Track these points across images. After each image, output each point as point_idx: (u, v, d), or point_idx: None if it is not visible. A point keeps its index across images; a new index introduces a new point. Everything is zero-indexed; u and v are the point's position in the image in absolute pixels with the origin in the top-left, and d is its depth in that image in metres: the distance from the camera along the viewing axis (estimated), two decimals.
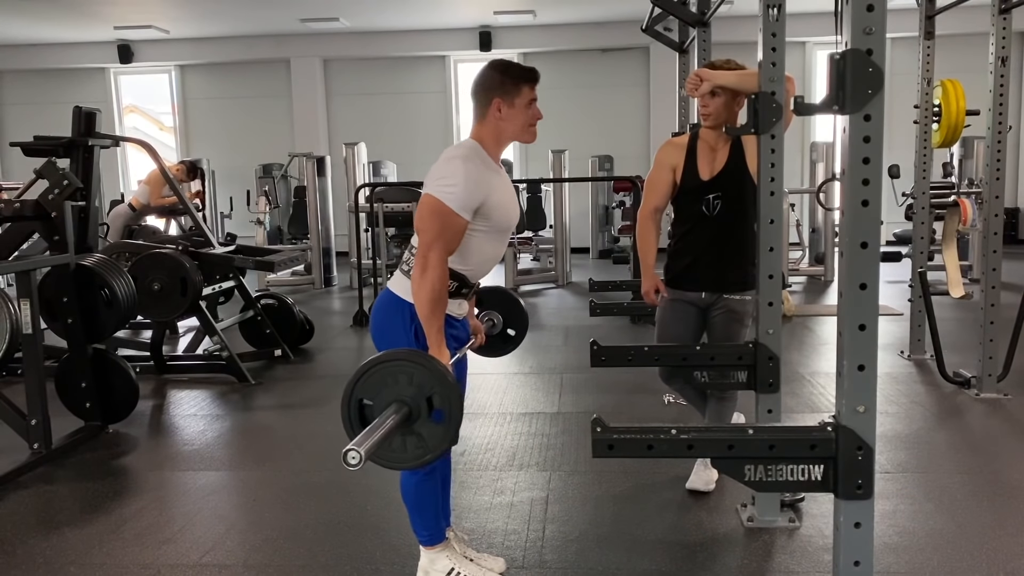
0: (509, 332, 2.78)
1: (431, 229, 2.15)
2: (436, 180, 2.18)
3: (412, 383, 1.90)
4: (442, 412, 1.91)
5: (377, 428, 1.79)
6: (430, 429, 1.91)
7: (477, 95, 2.29)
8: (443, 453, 1.97)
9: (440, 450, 1.93)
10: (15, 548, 2.86)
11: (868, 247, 1.74)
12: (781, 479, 1.89)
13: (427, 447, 1.92)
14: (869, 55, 1.68)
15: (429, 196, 2.17)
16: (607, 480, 3.33)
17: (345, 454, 1.68)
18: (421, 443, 1.92)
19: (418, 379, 1.90)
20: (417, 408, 1.89)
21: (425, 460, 1.95)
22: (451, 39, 12.62)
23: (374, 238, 8.66)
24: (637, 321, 6.66)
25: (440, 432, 1.91)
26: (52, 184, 4.10)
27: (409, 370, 1.91)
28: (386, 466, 1.96)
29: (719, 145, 3.02)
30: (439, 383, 1.90)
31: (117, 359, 4.32)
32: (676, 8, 4.89)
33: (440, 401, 1.90)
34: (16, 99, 13.74)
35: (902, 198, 5.62)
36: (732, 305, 3.06)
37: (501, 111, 2.24)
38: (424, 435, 1.91)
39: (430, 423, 1.90)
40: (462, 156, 2.20)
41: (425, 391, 1.90)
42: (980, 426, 4.01)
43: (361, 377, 1.91)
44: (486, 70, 2.29)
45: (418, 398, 1.89)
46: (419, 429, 1.90)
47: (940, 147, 5.17)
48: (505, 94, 2.24)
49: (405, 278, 2.29)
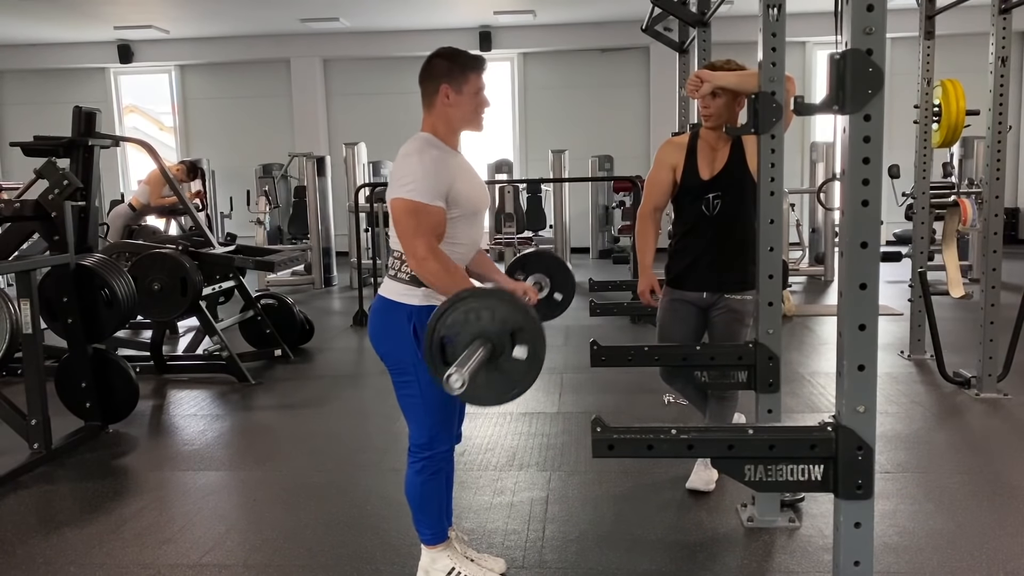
0: (556, 297, 2.74)
1: (409, 227, 2.16)
2: (398, 181, 2.20)
3: (494, 319, 1.89)
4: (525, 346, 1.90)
5: (470, 357, 1.80)
6: (513, 364, 1.90)
7: (424, 83, 2.30)
8: (529, 386, 1.95)
9: (527, 383, 1.93)
10: (15, 548, 2.86)
11: (868, 247, 1.74)
12: (781, 479, 1.89)
13: (513, 381, 1.92)
14: (869, 55, 1.68)
15: (396, 200, 2.19)
16: (607, 480, 3.33)
17: (448, 378, 1.70)
18: (506, 378, 1.91)
19: (500, 315, 1.89)
20: (501, 344, 1.89)
21: (513, 394, 1.95)
22: (451, 39, 12.43)
23: (374, 238, 8.67)
24: (637, 321, 6.66)
25: (524, 366, 1.90)
26: (52, 184, 4.10)
27: (491, 306, 1.90)
28: (475, 403, 1.97)
29: (719, 145, 3.02)
30: (522, 317, 1.90)
31: (117, 359, 4.32)
32: (676, 8, 4.89)
33: (524, 336, 1.89)
34: (16, 99, 13.74)
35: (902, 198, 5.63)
36: (733, 305, 3.06)
37: (449, 97, 2.26)
38: (508, 370, 1.91)
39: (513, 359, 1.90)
40: (417, 149, 2.22)
41: (508, 326, 1.89)
42: (980, 426, 4.01)
43: (443, 314, 1.90)
44: (433, 58, 2.30)
45: (501, 334, 1.89)
46: (503, 365, 1.90)
47: (940, 147, 5.17)
48: (452, 81, 2.26)
49: (393, 282, 2.30)
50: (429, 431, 2.34)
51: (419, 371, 2.25)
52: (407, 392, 2.32)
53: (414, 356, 2.24)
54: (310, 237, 9.84)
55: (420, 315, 2.25)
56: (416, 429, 2.36)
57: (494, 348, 1.89)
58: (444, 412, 2.34)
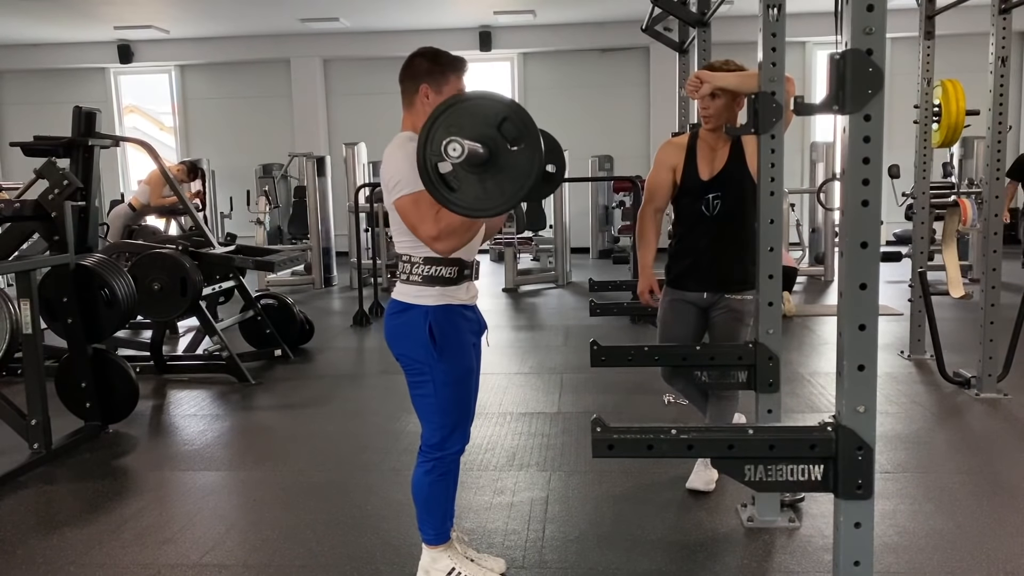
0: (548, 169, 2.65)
1: (414, 219, 2.16)
2: (388, 184, 2.20)
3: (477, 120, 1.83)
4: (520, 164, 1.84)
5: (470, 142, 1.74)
6: (501, 181, 1.83)
7: (405, 82, 2.31)
8: (506, 210, 1.90)
9: (505, 207, 1.87)
10: (15, 548, 2.86)
11: (868, 247, 1.74)
12: (781, 479, 1.88)
13: (491, 200, 1.86)
14: (869, 55, 1.67)
15: (395, 202, 2.19)
16: (607, 480, 3.33)
17: (447, 144, 1.64)
18: (490, 191, 1.86)
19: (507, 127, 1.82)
20: (496, 152, 1.82)
21: (486, 213, 1.90)
22: (451, 39, 12.60)
23: (374, 238, 8.68)
24: (637, 321, 6.66)
25: (511, 188, 1.84)
26: (52, 184, 4.10)
27: (496, 112, 1.83)
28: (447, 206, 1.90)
29: (719, 145, 3.02)
30: (527, 132, 1.82)
31: (117, 359, 4.32)
32: (676, 8, 4.89)
33: (514, 128, 1.83)
34: (16, 99, 13.75)
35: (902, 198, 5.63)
36: (733, 305, 3.06)
37: (428, 97, 2.26)
38: (496, 185, 1.85)
39: (504, 175, 1.83)
40: (398, 146, 2.22)
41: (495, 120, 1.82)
42: (980, 426, 4.01)
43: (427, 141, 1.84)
44: (413, 57, 2.30)
45: (500, 144, 1.82)
46: (492, 178, 1.84)
47: (940, 147, 5.17)
48: (432, 81, 2.26)
49: (406, 286, 2.30)
50: (441, 431, 2.34)
51: (434, 372, 2.27)
52: (421, 392, 2.32)
53: (430, 356, 2.25)
54: (310, 237, 9.84)
55: (436, 315, 2.25)
56: (429, 430, 2.36)
57: (490, 150, 1.82)
58: (458, 413, 2.34)
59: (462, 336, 2.31)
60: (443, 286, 2.27)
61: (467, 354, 2.34)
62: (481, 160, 1.81)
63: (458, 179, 1.84)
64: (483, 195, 1.83)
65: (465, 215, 1.95)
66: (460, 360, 2.31)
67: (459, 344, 2.31)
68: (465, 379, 2.35)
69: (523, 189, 1.85)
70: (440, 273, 2.26)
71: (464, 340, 2.32)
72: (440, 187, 1.86)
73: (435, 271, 2.26)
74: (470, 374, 2.36)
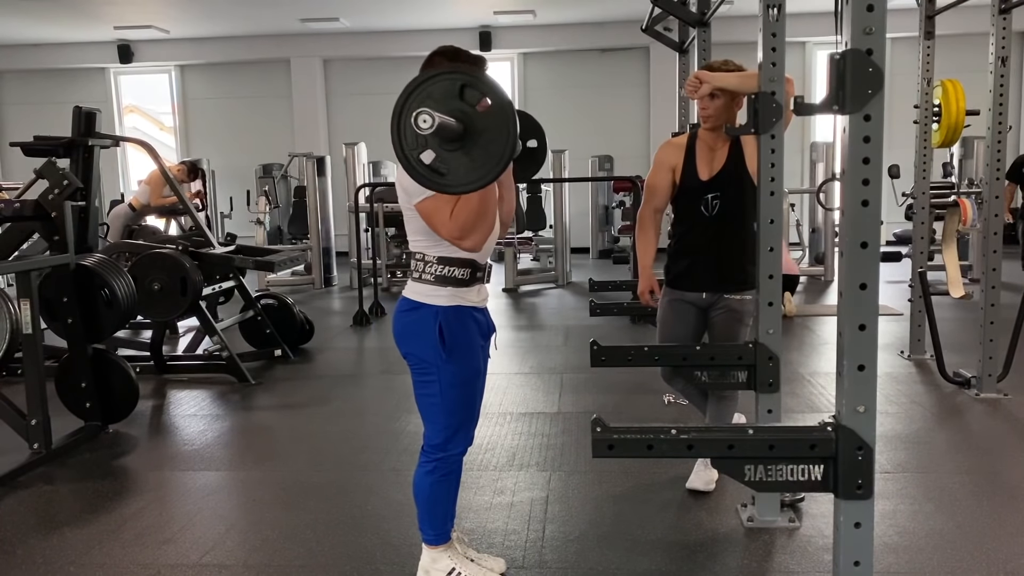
0: (530, 145, 2.56)
1: (440, 221, 2.15)
2: (415, 188, 2.12)
3: (447, 93, 1.79)
4: (496, 122, 1.79)
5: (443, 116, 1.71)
6: (485, 144, 1.79)
7: None
8: (502, 169, 1.84)
9: (500, 166, 1.81)
10: (15, 548, 2.86)
11: (868, 247, 1.74)
12: (781, 479, 1.88)
13: (485, 165, 1.81)
14: (869, 55, 1.67)
15: (421, 204, 2.16)
16: (607, 480, 3.33)
17: (417, 115, 1.60)
18: (478, 160, 1.82)
19: (468, 93, 1.79)
20: (471, 122, 1.78)
21: (484, 181, 1.84)
22: (451, 39, 12.35)
23: (374, 238, 8.68)
24: (637, 321, 6.66)
25: (497, 146, 1.79)
26: (52, 184, 4.10)
27: (455, 81, 1.80)
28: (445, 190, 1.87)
29: (718, 145, 3.02)
30: (487, 88, 1.79)
31: (117, 359, 4.32)
32: (676, 8, 4.89)
33: (476, 92, 1.79)
34: (16, 99, 13.75)
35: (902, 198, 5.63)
36: (732, 305, 3.06)
37: None
38: (481, 151, 1.80)
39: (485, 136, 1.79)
40: None
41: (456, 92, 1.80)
42: (980, 426, 4.01)
43: (409, 96, 1.81)
44: (434, 55, 2.28)
45: (469, 113, 1.78)
46: (475, 144, 1.80)
47: (940, 147, 5.17)
48: None
49: (418, 284, 2.29)
50: (445, 432, 2.33)
51: (441, 372, 2.26)
52: (427, 392, 2.32)
53: (438, 357, 2.25)
54: (310, 237, 9.84)
55: (446, 315, 2.25)
56: (432, 430, 2.35)
57: (463, 123, 1.78)
58: (463, 415, 2.34)
59: (471, 338, 2.31)
60: (455, 287, 2.26)
61: (475, 356, 2.33)
62: (457, 134, 1.78)
63: (444, 162, 1.82)
64: (472, 166, 1.80)
65: (466, 191, 1.91)
66: (468, 362, 2.31)
67: (468, 346, 2.30)
68: (472, 381, 2.34)
69: (508, 144, 1.79)
70: (453, 274, 2.26)
71: (473, 342, 2.32)
72: (432, 177, 1.84)
73: (448, 271, 2.25)
74: (477, 376, 2.36)
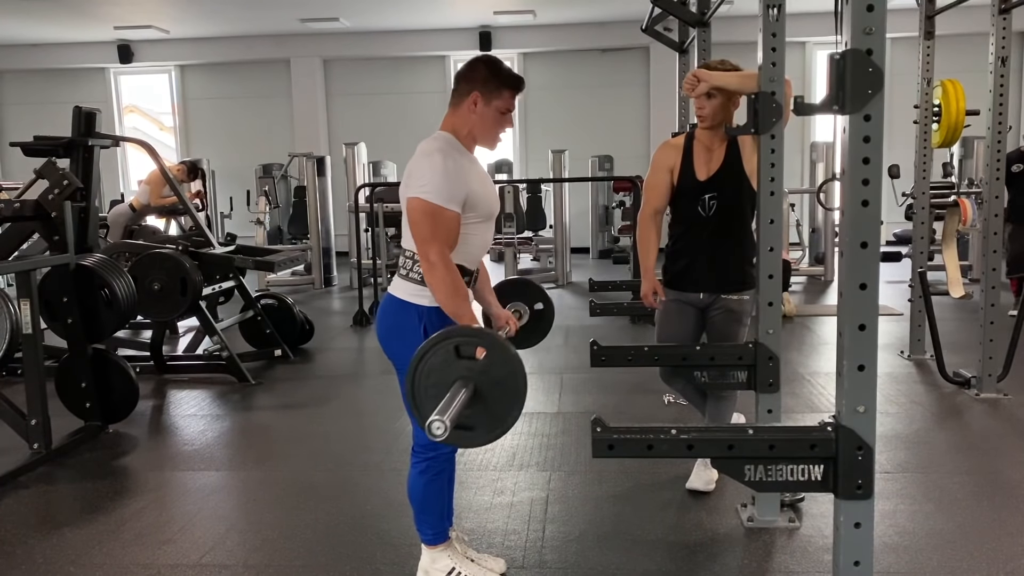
0: (537, 308, 2.73)
1: (426, 230, 2.16)
2: (417, 180, 2.18)
3: (448, 363, 1.88)
4: (499, 369, 1.87)
5: (452, 401, 1.77)
6: (499, 395, 1.88)
7: (460, 83, 2.29)
8: (519, 411, 1.92)
9: (511, 421, 1.90)
10: (15, 548, 2.86)
11: (868, 247, 1.73)
12: (781, 479, 1.88)
13: (497, 421, 1.90)
14: (869, 55, 1.67)
15: (415, 199, 2.17)
16: (607, 480, 3.33)
17: (429, 425, 1.67)
18: (497, 411, 1.90)
19: (463, 350, 1.88)
20: (478, 378, 1.87)
21: (497, 434, 1.92)
22: (451, 39, 12.63)
23: (374, 238, 8.67)
24: (637, 321, 6.66)
25: (510, 393, 1.88)
26: (52, 184, 4.10)
27: (447, 347, 1.88)
28: (472, 446, 1.97)
29: (715, 145, 3.02)
30: (480, 340, 1.88)
31: (117, 359, 4.32)
32: (676, 8, 4.89)
33: (469, 346, 1.88)
34: (16, 99, 13.74)
35: (902, 198, 5.62)
36: (730, 305, 3.06)
37: (477, 105, 2.25)
38: (496, 401, 1.89)
39: (496, 389, 1.88)
40: (440, 150, 2.20)
41: (453, 355, 1.88)
42: (980, 426, 4.01)
43: (414, 381, 1.89)
44: (476, 62, 2.29)
45: (473, 367, 1.87)
46: (489, 397, 1.88)
47: (940, 147, 5.17)
48: (486, 91, 2.24)
49: (404, 282, 2.30)
50: None
51: None
52: None
53: None
54: (310, 237, 9.84)
55: (431, 316, 2.25)
56: (420, 430, 2.35)
57: (476, 389, 1.87)
58: None
59: None
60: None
61: None
62: (469, 398, 1.85)
63: (468, 419, 1.88)
64: (495, 418, 1.89)
65: (494, 440, 1.98)
66: None
67: None
68: None
69: (519, 388, 1.89)
70: None
71: None
72: (460, 435, 1.90)
73: None
74: None
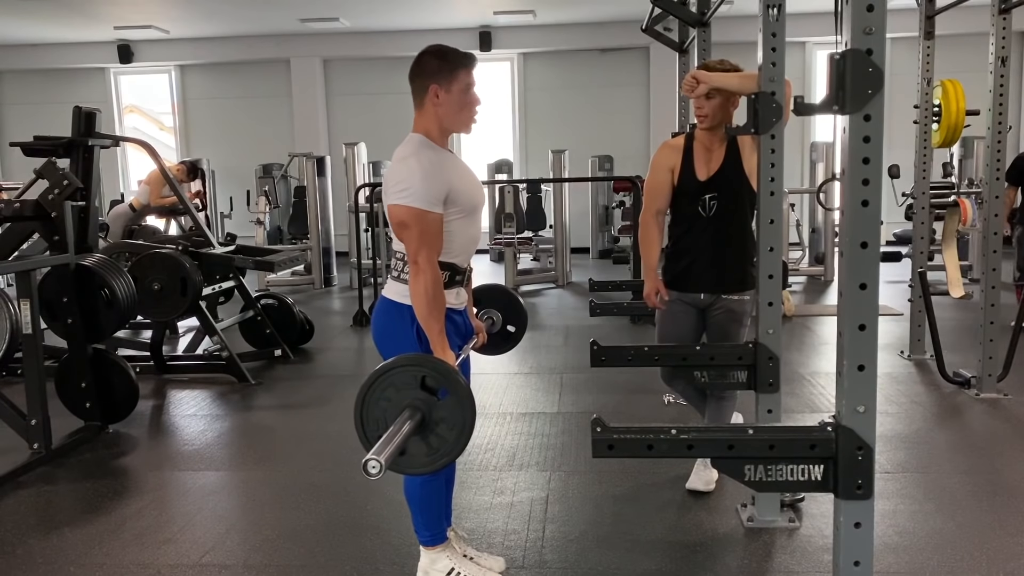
0: (509, 329, 2.77)
1: (411, 235, 2.16)
2: (396, 187, 2.18)
3: (422, 387, 1.90)
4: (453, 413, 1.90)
5: (394, 435, 1.77)
6: (443, 432, 1.90)
7: (414, 82, 2.29)
8: (457, 455, 1.95)
9: (455, 452, 1.92)
10: (15, 548, 2.86)
11: (868, 247, 1.74)
12: (781, 479, 1.88)
13: (442, 450, 1.91)
14: (869, 55, 1.67)
15: (396, 206, 2.17)
16: (607, 480, 3.33)
17: (365, 464, 1.67)
18: (436, 446, 1.91)
19: (429, 382, 1.90)
20: (429, 411, 1.89)
21: (440, 464, 1.94)
22: (451, 39, 12.31)
23: (374, 238, 8.67)
24: (637, 321, 6.66)
25: (454, 434, 1.90)
26: (52, 184, 4.10)
27: (416, 374, 1.90)
28: (404, 472, 1.97)
29: (715, 145, 3.02)
30: (448, 382, 1.90)
31: (117, 359, 4.32)
32: (676, 8, 4.89)
33: (434, 381, 1.90)
34: (16, 99, 13.74)
35: (902, 198, 5.62)
36: (731, 305, 3.06)
37: (439, 96, 2.24)
38: (439, 438, 1.91)
39: (443, 426, 1.90)
40: (413, 154, 2.21)
41: (417, 382, 1.90)
42: (980, 426, 4.01)
43: (371, 387, 1.90)
44: (422, 56, 2.28)
45: (429, 401, 1.89)
46: (433, 432, 1.90)
47: (940, 147, 5.17)
48: (443, 80, 2.24)
49: (396, 283, 2.30)
50: None
51: None
52: None
53: None
54: (310, 237, 9.83)
55: None
56: None
57: (423, 417, 1.88)
58: None
59: (448, 338, 2.30)
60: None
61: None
62: (415, 428, 1.86)
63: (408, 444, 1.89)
64: (430, 450, 1.91)
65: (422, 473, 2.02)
66: None
67: None
68: None
69: (464, 432, 1.91)
70: None
71: (451, 343, 2.31)
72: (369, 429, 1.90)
73: None
74: None
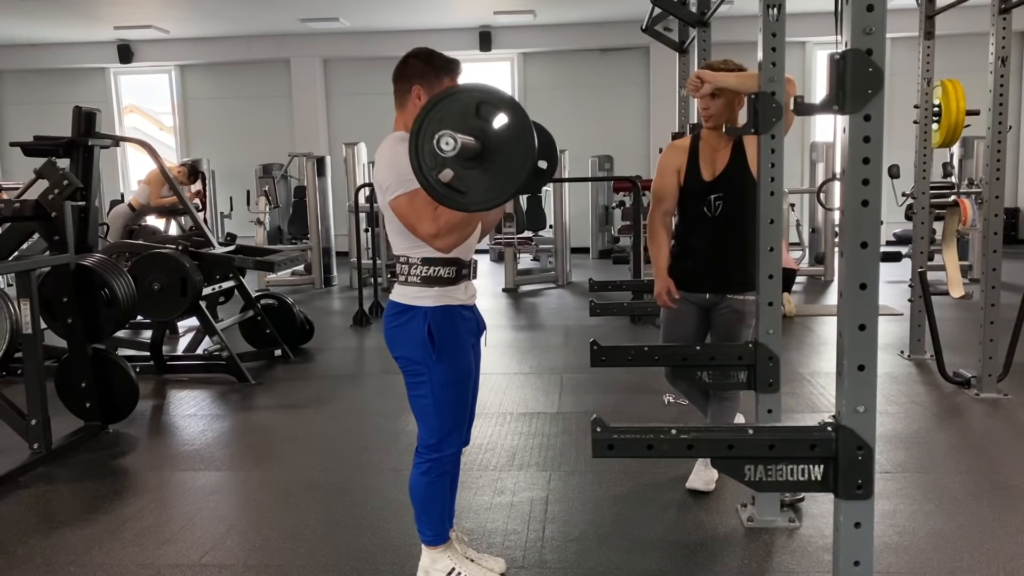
0: (540, 165, 2.61)
1: (411, 218, 2.15)
2: (383, 187, 2.19)
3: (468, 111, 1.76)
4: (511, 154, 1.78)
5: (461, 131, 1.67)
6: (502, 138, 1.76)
7: (398, 82, 2.31)
8: (528, 176, 1.80)
9: (531, 146, 1.77)
10: (15, 548, 2.86)
11: (868, 247, 1.74)
12: (781, 479, 1.88)
13: (518, 155, 1.77)
14: (869, 55, 1.67)
15: (390, 203, 2.18)
16: (607, 480, 3.33)
17: (439, 138, 1.58)
18: (487, 185, 1.79)
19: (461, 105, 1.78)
20: (489, 147, 1.75)
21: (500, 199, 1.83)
22: (451, 39, 12.60)
23: (374, 238, 8.67)
24: (637, 321, 6.66)
25: (515, 133, 1.75)
26: (52, 184, 4.10)
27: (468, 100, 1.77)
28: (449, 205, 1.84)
29: (720, 146, 3.03)
30: (482, 93, 1.77)
31: (117, 359, 4.32)
32: (676, 8, 4.89)
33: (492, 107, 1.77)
34: (16, 99, 13.74)
35: (902, 198, 5.62)
36: (735, 305, 3.06)
37: (420, 99, 2.25)
38: (505, 149, 1.77)
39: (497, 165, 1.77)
40: (388, 148, 2.22)
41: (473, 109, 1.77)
42: (980, 426, 4.01)
43: (445, 98, 1.78)
44: (408, 58, 2.31)
45: (494, 138, 1.75)
46: (497, 146, 1.77)
47: (940, 147, 5.17)
48: (425, 83, 2.26)
49: (404, 287, 2.30)
50: (439, 433, 2.34)
51: (432, 373, 2.27)
52: (419, 393, 2.32)
53: (428, 357, 2.25)
54: (310, 237, 9.84)
55: (435, 315, 2.25)
56: (425, 430, 2.35)
57: (481, 140, 1.76)
58: (455, 414, 2.34)
59: (460, 337, 2.31)
60: (442, 286, 2.26)
61: (465, 355, 2.34)
62: (476, 152, 1.77)
63: (463, 180, 1.80)
64: (491, 184, 1.79)
65: (485, 209, 1.89)
66: (459, 361, 2.31)
67: (457, 345, 2.30)
68: (463, 380, 2.35)
69: (527, 161, 1.77)
70: (438, 273, 2.26)
71: (463, 341, 2.32)
72: (452, 196, 1.82)
73: (433, 271, 2.26)
74: (468, 375, 2.36)
